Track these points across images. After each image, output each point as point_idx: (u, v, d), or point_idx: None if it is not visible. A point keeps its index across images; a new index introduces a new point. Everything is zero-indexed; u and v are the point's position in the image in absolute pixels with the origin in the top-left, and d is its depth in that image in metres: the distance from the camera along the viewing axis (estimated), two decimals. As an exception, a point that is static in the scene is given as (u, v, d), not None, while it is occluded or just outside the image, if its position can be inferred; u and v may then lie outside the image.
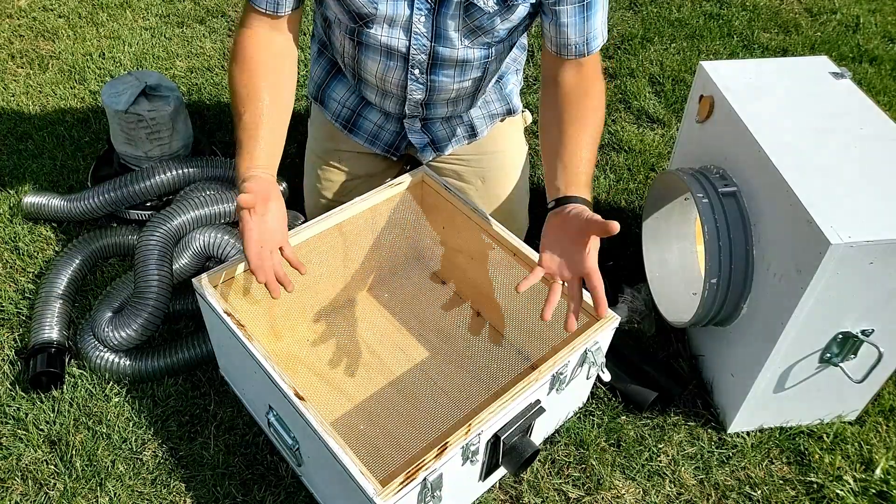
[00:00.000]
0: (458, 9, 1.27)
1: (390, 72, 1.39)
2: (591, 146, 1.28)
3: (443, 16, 1.29)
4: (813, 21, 2.91)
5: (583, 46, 1.30)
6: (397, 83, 1.41)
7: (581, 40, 1.30)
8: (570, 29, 1.28)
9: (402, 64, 1.37)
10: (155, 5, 2.77)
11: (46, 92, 2.34)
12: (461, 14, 1.28)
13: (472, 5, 1.27)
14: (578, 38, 1.29)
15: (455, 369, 1.56)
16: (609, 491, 1.44)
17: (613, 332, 1.39)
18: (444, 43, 1.33)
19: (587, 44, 1.30)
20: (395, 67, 1.38)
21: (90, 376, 1.56)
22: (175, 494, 1.39)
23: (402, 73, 1.38)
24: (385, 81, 1.42)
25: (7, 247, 1.84)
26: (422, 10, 1.28)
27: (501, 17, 1.29)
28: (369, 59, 1.38)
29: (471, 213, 1.52)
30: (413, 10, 1.28)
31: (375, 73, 1.41)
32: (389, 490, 1.07)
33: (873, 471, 1.48)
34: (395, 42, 1.33)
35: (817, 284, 1.24)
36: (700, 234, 1.54)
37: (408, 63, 1.36)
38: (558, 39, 1.30)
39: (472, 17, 1.29)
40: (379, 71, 1.40)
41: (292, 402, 1.19)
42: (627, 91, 2.47)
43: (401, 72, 1.38)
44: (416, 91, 1.42)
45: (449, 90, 1.43)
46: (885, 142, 1.40)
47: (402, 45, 1.33)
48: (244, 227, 1.19)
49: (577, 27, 1.28)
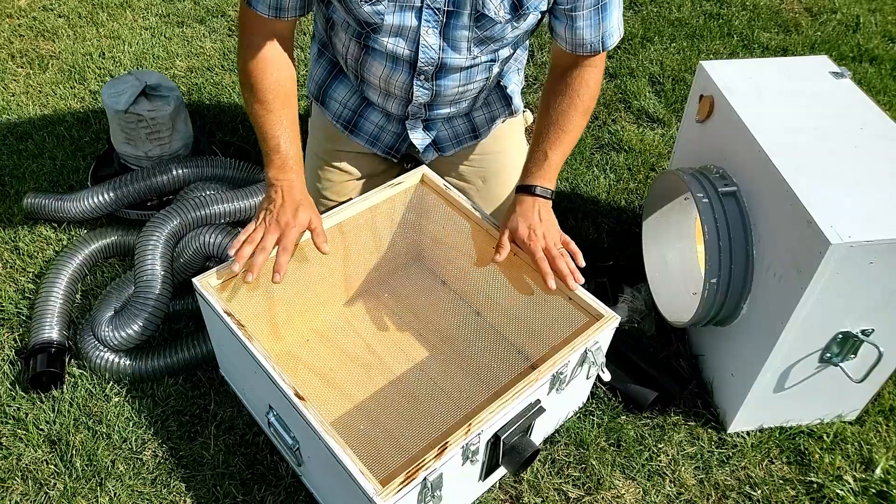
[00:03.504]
0: (469, 20, 1.27)
1: (395, 76, 1.39)
2: (566, 149, 1.43)
3: (452, 27, 1.29)
4: (813, 21, 2.91)
5: (598, 44, 1.33)
6: (402, 86, 1.41)
7: (597, 39, 1.32)
8: (587, 31, 1.31)
9: (408, 69, 1.37)
10: (155, 5, 2.77)
11: (46, 92, 2.34)
12: (472, 25, 1.28)
13: (484, 16, 1.26)
14: (594, 37, 1.32)
15: (455, 369, 1.56)
16: (609, 491, 1.44)
17: (613, 331, 1.39)
18: (452, 53, 1.33)
19: (602, 41, 1.33)
20: (400, 72, 1.38)
21: (90, 376, 1.56)
22: (175, 494, 1.39)
23: (408, 78, 1.39)
24: (389, 84, 1.42)
25: (7, 247, 1.84)
26: (430, 23, 1.28)
27: (512, 25, 1.30)
28: (375, 62, 1.38)
29: (471, 212, 1.52)
30: (421, 23, 1.27)
31: (380, 76, 1.41)
32: (389, 490, 1.07)
33: (873, 470, 1.48)
34: (401, 51, 1.33)
35: (817, 284, 1.24)
36: (700, 234, 1.54)
37: (414, 70, 1.36)
38: (574, 40, 1.32)
39: (483, 28, 1.29)
40: (384, 74, 1.40)
41: (292, 402, 1.19)
42: (627, 91, 2.47)
43: (406, 76, 1.38)
44: (422, 95, 1.42)
45: (454, 93, 1.43)
46: (885, 142, 1.40)
47: (408, 54, 1.33)
48: (260, 226, 1.35)
49: (594, 28, 1.31)
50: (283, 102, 1.35)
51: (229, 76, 2.46)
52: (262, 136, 1.37)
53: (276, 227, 1.34)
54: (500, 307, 1.60)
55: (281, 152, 1.36)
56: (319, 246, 1.38)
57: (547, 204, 1.41)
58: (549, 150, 1.40)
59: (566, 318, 1.42)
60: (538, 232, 1.38)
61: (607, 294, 1.76)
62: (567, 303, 1.41)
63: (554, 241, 1.38)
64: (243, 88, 1.37)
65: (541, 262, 1.36)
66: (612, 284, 1.78)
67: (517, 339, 1.60)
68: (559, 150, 1.40)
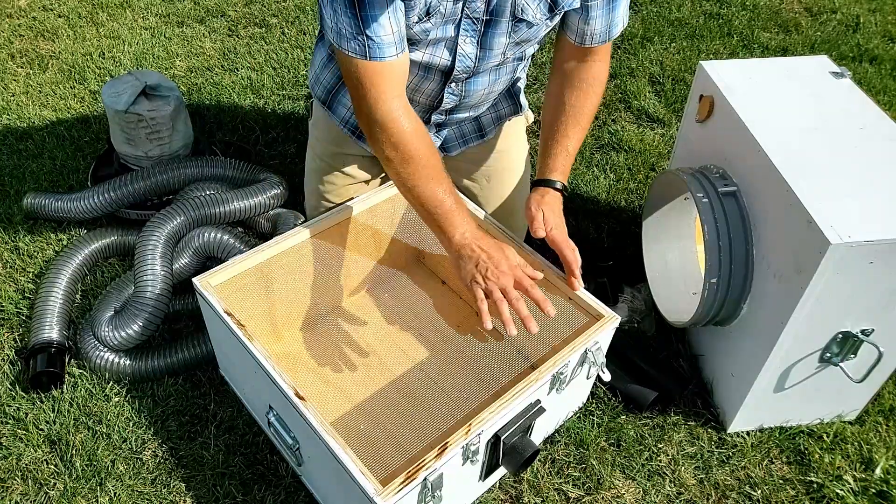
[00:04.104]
0: (507, 26, 1.28)
1: (426, 84, 1.38)
2: (580, 142, 1.43)
3: (490, 35, 1.29)
4: (813, 21, 2.91)
5: (605, 35, 1.34)
6: (430, 94, 1.41)
7: (604, 29, 1.33)
8: (597, 21, 1.32)
9: (440, 78, 1.37)
10: (155, 5, 2.77)
11: (46, 92, 2.34)
12: (509, 31, 1.29)
13: (522, 21, 1.27)
14: (602, 27, 1.33)
15: (455, 369, 1.56)
16: (609, 491, 1.44)
17: (613, 331, 1.39)
18: (488, 58, 1.34)
19: (609, 31, 1.34)
20: (431, 80, 1.38)
21: (90, 376, 1.56)
22: (175, 494, 1.39)
23: (438, 86, 1.39)
24: (417, 93, 1.41)
25: (7, 247, 1.84)
26: (468, 33, 1.27)
27: (546, 25, 1.31)
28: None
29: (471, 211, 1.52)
30: (459, 32, 1.27)
31: (408, 85, 1.39)
32: (390, 490, 1.07)
33: (873, 470, 1.48)
34: (437, 61, 1.32)
35: (817, 284, 1.24)
36: (700, 234, 1.54)
37: (447, 78, 1.36)
38: (584, 31, 1.33)
39: (519, 32, 1.30)
40: (413, 83, 1.39)
41: (292, 402, 1.19)
42: (627, 91, 2.47)
43: (437, 84, 1.38)
44: (450, 101, 1.42)
45: (481, 94, 1.44)
46: (885, 142, 1.40)
47: (444, 64, 1.33)
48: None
49: (604, 18, 1.32)
50: (440, 160, 1.28)
51: (229, 76, 2.46)
52: (434, 203, 1.25)
53: (504, 276, 1.23)
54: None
55: (460, 205, 1.28)
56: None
57: (561, 201, 1.41)
58: (568, 144, 1.41)
59: (566, 318, 1.42)
60: (563, 227, 1.38)
61: (607, 294, 1.76)
62: (567, 303, 1.41)
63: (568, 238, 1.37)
64: (392, 163, 1.24)
65: (568, 254, 1.33)
66: (612, 284, 1.78)
67: (517, 339, 1.60)
68: (575, 144, 1.42)
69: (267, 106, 2.35)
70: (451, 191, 1.28)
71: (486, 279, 1.22)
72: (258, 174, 1.91)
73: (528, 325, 1.19)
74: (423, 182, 1.25)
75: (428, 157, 1.26)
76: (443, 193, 1.26)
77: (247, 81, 2.43)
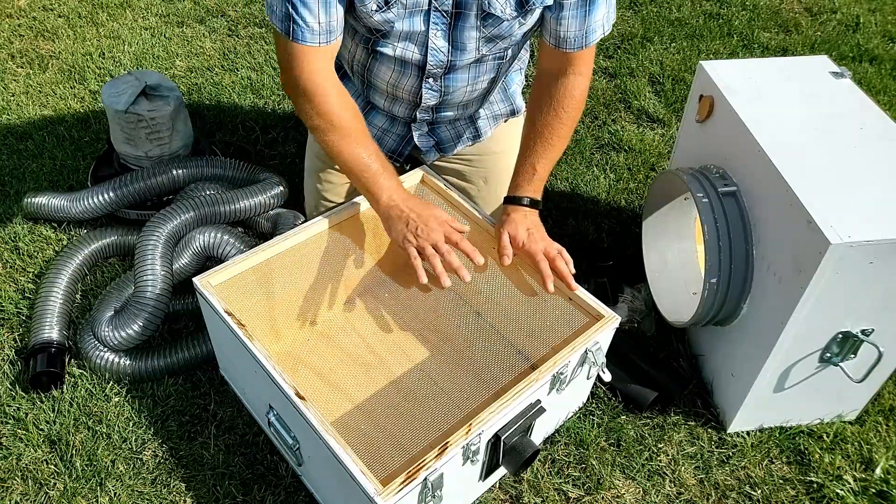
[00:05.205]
0: (476, 20, 1.27)
1: (404, 80, 1.39)
2: (552, 160, 1.42)
3: (460, 29, 1.29)
4: (813, 21, 2.91)
5: (581, 40, 1.31)
6: (410, 90, 1.41)
7: (580, 34, 1.31)
8: (571, 23, 1.29)
9: (416, 73, 1.37)
10: (155, 5, 2.77)
11: (46, 92, 2.34)
12: (479, 25, 1.28)
13: (490, 15, 1.27)
14: (577, 30, 1.30)
15: (455, 369, 1.56)
16: (609, 490, 1.44)
17: (613, 332, 1.39)
18: (460, 54, 1.33)
19: (585, 36, 1.31)
20: (409, 76, 1.38)
21: (90, 376, 1.56)
22: (175, 494, 1.39)
23: (417, 81, 1.39)
24: (397, 88, 1.42)
25: (7, 247, 1.84)
26: (438, 26, 1.28)
27: (520, 22, 1.30)
28: (383, 67, 1.38)
29: (471, 212, 1.52)
30: (429, 26, 1.27)
31: (388, 81, 1.40)
32: (390, 490, 1.07)
33: (873, 470, 1.48)
34: (410, 55, 1.33)
35: (817, 284, 1.24)
36: (700, 234, 1.54)
37: (423, 73, 1.36)
38: (558, 32, 1.31)
39: (490, 27, 1.29)
40: (392, 79, 1.39)
41: (293, 402, 1.19)
42: (627, 91, 2.47)
43: (415, 79, 1.38)
44: (431, 97, 1.42)
45: (462, 92, 1.43)
46: (885, 142, 1.40)
47: (417, 58, 1.33)
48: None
49: (578, 20, 1.29)
50: (364, 126, 1.34)
51: (229, 76, 2.46)
52: (360, 167, 1.33)
53: (434, 233, 1.31)
54: (500, 307, 1.60)
55: (386, 168, 1.34)
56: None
57: (536, 213, 1.43)
58: (536, 163, 1.41)
59: (566, 318, 1.42)
60: (535, 236, 1.39)
61: (607, 294, 1.76)
62: (567, 303, 1.41)
63: (549, 244, 1.39)
64: (319, 131, 1.31)
65: (541, 263, 1.37)
66: (612, 284, 1.78)
67: (517, 339, 1.60)
68: (546, 163, 1.41)
69: (267, 106, 2.35)
70: (378, 155, 1.34)
71: (416, 237, 1.30)
72: (258, 174, 1.92)
73: (460, 273, 1.30)
74: (349, 148, 1.31)
75: (352, 124, 1.31)
76: (367, 157, 1.32)
77: (247, 81, 2.43)
